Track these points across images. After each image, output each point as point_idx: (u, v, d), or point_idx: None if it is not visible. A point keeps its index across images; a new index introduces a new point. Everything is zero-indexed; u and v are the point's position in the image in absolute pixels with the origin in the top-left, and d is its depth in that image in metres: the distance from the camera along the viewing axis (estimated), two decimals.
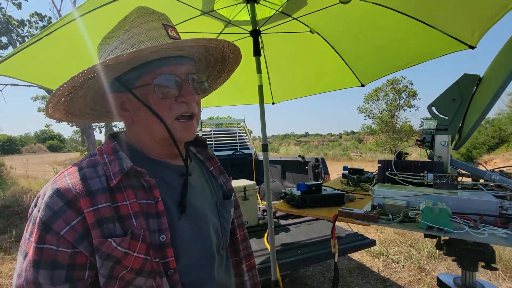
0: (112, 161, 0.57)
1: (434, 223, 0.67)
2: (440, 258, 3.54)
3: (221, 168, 0.81)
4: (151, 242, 0.55)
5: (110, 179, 0.55)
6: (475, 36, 1.36)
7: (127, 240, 0.52)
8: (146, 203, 0.57)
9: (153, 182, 0.58)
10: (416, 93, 23.69)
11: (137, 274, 0.54)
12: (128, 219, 0.54)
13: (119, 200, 0.54)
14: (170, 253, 0.56)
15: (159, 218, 0.57)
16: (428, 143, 1.08)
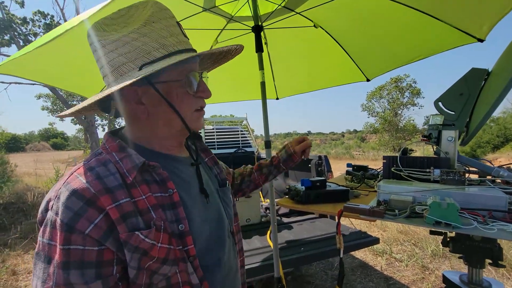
0: (123, 158, 0.58)
1: (442, 219, 0.66)
2: (444, 257, 3.52)
3: (215, 159, 0.85)
4: (172, 232, 0.57)
5: (126, 176, 0.56)
6: (484, 29, 1.33)
7: (153, 232, 0.54)
8: (161, 196, 0.58)
9: (165, 174, 0.60)
10: (419, 92, 23.51)
11: (163, 263, 0.56)
12: (147, 212, 0.55)
13: (135, 195, 0.56)
14: (189, 241, 0.59)
15: (176, 208, 0.59)
16: (435, 139, 1.06)
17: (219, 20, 1.89)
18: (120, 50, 0.57)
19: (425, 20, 1.51)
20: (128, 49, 0.57)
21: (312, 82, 2.57)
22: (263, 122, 1.74)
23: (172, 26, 0.61)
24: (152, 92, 0.59)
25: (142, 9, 0.60)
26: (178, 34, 0.62)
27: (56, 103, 21.01)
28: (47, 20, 13.83)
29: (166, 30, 0.59)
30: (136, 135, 0.65)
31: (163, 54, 0.58)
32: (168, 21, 0.61)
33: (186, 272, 0.59)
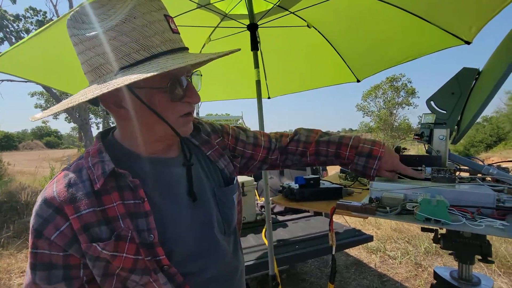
0: (95, 164, 0.56)
1: (432, 215, 0.67)
2: (436, 254, 3.57)
3: (219, 151, 0.78)
4: (141, 241, 0.55)
5: (95, 183, 0.54)
6: (472, 31, 1.35)
7: (111, 244, 0.53)
8: (133, 203, 0.56)
9: (137, 182, 0.57)
10: (414, 91, 23.74)
11: (130, 272, 0.55)
12: (115, 221, 0.54)
13: (106, 203, 0.55)
14: (160, 252, 0.56)
15: (147, 217, 0.56)
16: (427, 137, 1.07)
17: (213, 18, 1.88)
18: (97, 50, 0.52)
19: (414, 22, 1.52)
20: (106, 49, 0.51)
21: (303, 82, 2.58)
22: (258, 121, 1.74)
23: (157, 22, 0.54)
24: (133, 97, 0.55)
25: (127, 2, 0.53)
26: (165, 31, 0.54)
27: (50, 101, 20.74)
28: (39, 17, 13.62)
29: (149, 28, 0.52)
30: (122, 137, 0.64)
31: (145, 56, 0.52)
32: (153, 15, 0.53)
33: (159, 282, 0.57)
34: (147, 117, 0.57)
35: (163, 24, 0.54)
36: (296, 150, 0.91)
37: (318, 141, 0.91)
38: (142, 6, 0.53)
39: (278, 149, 0.91)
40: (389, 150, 0.89)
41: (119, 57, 0.52)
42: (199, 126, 0.77)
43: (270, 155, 0.90)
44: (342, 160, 0.89)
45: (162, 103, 0.56)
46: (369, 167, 0.86)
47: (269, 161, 0.91)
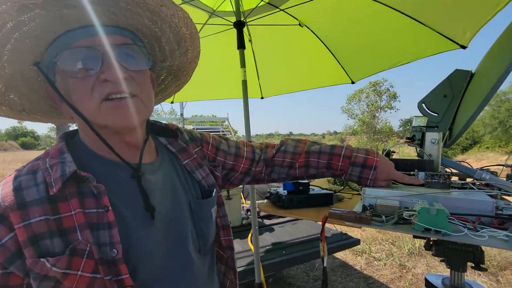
0: (54, 165, 0.49)
1: (432, 225, 0.62)
2: (419, 255, 3.63)
3: (198, 161, 0.70)
4: (101, 257, 0.47)
5: (51, 187, 0.46)
6: (467, 35, 1.35)
7: (64, 259, 0.44)
8: (96, 213, 0.48)
9: (102, 188, 0.49)
10: (396, 95, 24.50)
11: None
12: (72, 232, 0.46)
13: (62, 210, 0.47)
14: (124, 270, 0.48)
15: (110, 229, 0.48)
16: (418, 140, 1.05)
17: (201, 14, 1.80)
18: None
19: (410, 25, 1.51)
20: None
21: (297, 82, 2.54)
22: (245, 122, 1.68)
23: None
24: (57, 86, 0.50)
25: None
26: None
27: None
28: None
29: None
30: (82, 136, 0.56)
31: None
32: None
33: None
34: (67, 108, 0.51)
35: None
36: (283, 161, 0.84)
37: (308, 152, 0.84)
38: None
39: (263, 160, 0.83)
40: (383, 159, 0.84)
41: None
42: (177, 132, 0.71)
43: (253, 167, 0.83)
44: (335, 171, 0.83)
45: (77, 88, 0.49)
46: (364, 177, 0.81)
47: (253, 173, 0.83)
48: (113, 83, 0.49)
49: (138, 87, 0.52)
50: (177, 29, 0.57)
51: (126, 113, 0.50)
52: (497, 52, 0.82)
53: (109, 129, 0.52)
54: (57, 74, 0.50)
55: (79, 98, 0.49)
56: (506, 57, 0.67)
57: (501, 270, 3.11)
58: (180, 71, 0.69)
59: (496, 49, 0.84)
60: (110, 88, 0.48)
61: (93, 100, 0.49)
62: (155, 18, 0.52)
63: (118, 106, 0.49)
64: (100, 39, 0.48)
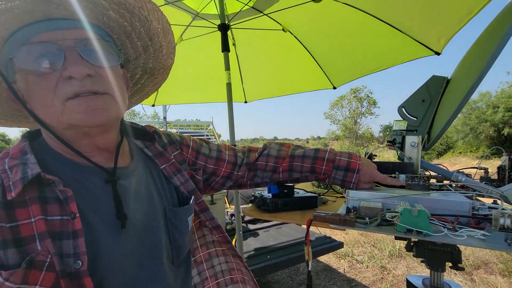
0: (14, 166, 0.44)
1: (413, 226, 0.63)
2: (400, 257, 3.73)
3: (176, 166, 0.67)
4: (63, 269, 0.43)
5: (8, 191, 0.42)
6: (441, 42, 1.42)
7: (20, 273, 0.39)
8: (60, 220, 0.44)
9: (70, 193, 0.45)
10: (375, 102, 25.41)
11: None
12: (30, 242, 0.41)
13: (19, 217, 0.42)
14: (88, 284, 0.44)
15: (76, 239, 0.44)
16: (399, 144, 1.07)
17: (185, 16, 1.78)
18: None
19: (388, 31, 1.57)
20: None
21: (281, 87, 2.57)
22: (229, 126, 1.66)
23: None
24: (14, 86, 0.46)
25: None
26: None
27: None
28: None
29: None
30: (48, 137, 0.52)
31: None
32: None
33: None
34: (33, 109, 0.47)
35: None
36: (266, 166, 0.83)
37: (292, 156, 0.83)
38: None
39: (245, 165, 0.82)
40: (366, 162, 0.85)
41: None
42: (154, 136, 0.67)
43: (235, 171, 0.80)
44: (318, 175, 0.83)
45: (38, 87, 0.44)
46: (347, 181, 0.82)
47: (235, 178, 0.81)
48: (78, 80, 0.44)
49: (108, 83, 0.48)
50: (148, 23, 0.54)
51: (95, 110, 0.46)
52: (470, 60, 0.87)
53: (77, 130, 0.47)
54: (16, 73, 0.46)
55: (40, 98, 0.45)
56: (479, 65, 0.70)
57: (475, 269, 3.26)
58: (156, 69, 0.66)
59: (469, 57, 0.88)
60: (76, 87, 0.44)
61: (57, 98, 0.44)
62: (122, 10, 0.49)
63: (85, 103, 0.45)
64: (62, 34, 0.45)
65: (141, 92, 0.72)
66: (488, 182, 1.03)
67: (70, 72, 0.44)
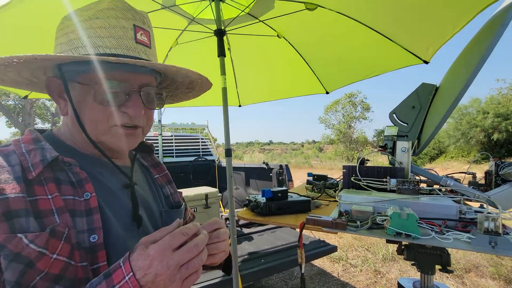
0: (31, 150, 0.49)
1: (402, 229, 0.65)
2: (393, 261, 3.75)
3: (168, 178, 0.75)
4: (77, 243, 0.46)
5: (28, 171, 0.46)
6: (429, 51, 1.47)
7: (44, 237, 0.42)
8: (72, 200, 0.49)
9: (84, 175, 0.51)
10: (369, 107, 25.73)
11: (55, 282, 0.43)
12: (48, 215, 0.45)
13: (37, 193, 0.46)
14: (101, 257, 0.48)
15: (91, 215, 0.49)
16: (390, 149, 1.10)
17: (180, 21, 1.79)
18: (60, 39, 0.55)
19: (379, 40, 1.62)
20: (65, 39, 0.54)
21: (274, 91, 2.60)
22: (224, 130, 1.67)
23: (120, 28, 0.54)
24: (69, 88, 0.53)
25: (101, 3, 0.54)
26: (124, 38, 0.54)
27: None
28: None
29: (107, 30, 0.53)
30: (65, 132, 0.58)
31: (89, 52, 0.52)
32: (119, 21, 0.54)
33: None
34: (81, 115, 0.54)
35: (126, 32, 0.54)
36: None
37: None
38: (112, 10, 0.54)
39: None
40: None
41: (69, 48, 0.53)
42: (152, 148, 0.76)
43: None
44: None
45: (92, 105, 0.53)
46: None
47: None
48: (131, 117, 0.54)
49: (146, 121, 0.59)
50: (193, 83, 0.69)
51: (130, 141, 0.57)
52: (457, 70, 0.90)
53: (106, 146, 0.56)
54: (78, 83, 0.53)
55: (93, 114, 0.53)
56: (465, 74, 0.73)
57: (466, 272, 3.30)
58: (177, 97, 0.79)
59: (456, 67, 0.92)
60: (127, 120, 0.54)
61: (107, 123, 0.53)
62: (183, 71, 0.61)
63: (126, 134, 0.55)
64: (134, 77, 0.54)
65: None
66: (476, 186, 1.06)
67: (130, 112, 0.54)
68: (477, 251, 0.60)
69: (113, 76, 0.52)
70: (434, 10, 1.31)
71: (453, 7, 1.23)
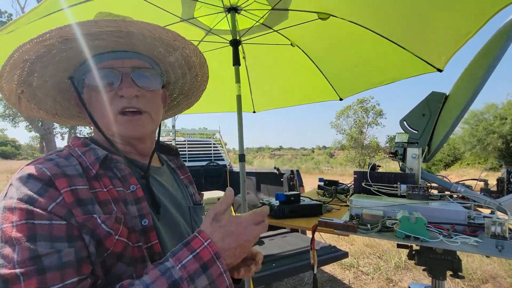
0: (85, 152, 0.57)
1: (411, 232, 0.69)
2: (406, 269, 3.68)
3: (190, 179, 0.82)
4: (132, 227, 0.53)
5: (89, 169, 0.54)
6: (442, 60, 1.49)
7: (112, 219, 0.50)
8: (123, 191, 0.56)
9: (128, 171, 0.58)
10: (381, 112, 25.35)
11: (118, 259, 0.51)
12: (107, 204, 0.52)
13: (95, 186, 0.53)
14: (153, 237, 0.55)
15: (139, 203, 0.56)
16: (401, 155, 1.13)
17: (197, 32, 1.88)
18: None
19: (392, 48, 1.65)
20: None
21: (288, 98, 2.66)
22: (238, 135, 1.73)
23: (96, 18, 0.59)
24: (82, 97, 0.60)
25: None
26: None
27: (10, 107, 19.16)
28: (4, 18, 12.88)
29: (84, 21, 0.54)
30: (96, 137, 0.65)
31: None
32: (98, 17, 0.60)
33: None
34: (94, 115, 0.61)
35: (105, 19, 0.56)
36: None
37: None
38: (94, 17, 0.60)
39: None
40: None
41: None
42: (178, 152, 0.82)
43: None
44: None
45: (98, 101, 0.58)
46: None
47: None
48: (127, 98, 0.58)
49: (149, 104, 0.61)
50: (188, 57, 0.69)
51: (135, 125, 0.60)
52: (466, 79, 0.93)
53: (122, 138, 0.62)
54: (84, 87, 0.61)
55: (99, 109, 0.59)
56: (473, 84, 0.77)
57: (482, 283, 3.20)
58: (190, 91, 0.82)
59: (465, 76, 0.94)
60: (124, 103, 0.58)
61: (111, 112, 0.58)
62: (169, 48, 0.64)
63: (129, 119, 0.59)
64: (121, 62, 0.59)
65: (176, 108, 0.88)
66: (488, 193, 1.07)
67: (122, 92, 0.58)
68: (484, 254, 0.62)
69: (103, 65, 0.58)
70: (445, 18, 1.33)
71: (464, 15, 1.25)
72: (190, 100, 0.86)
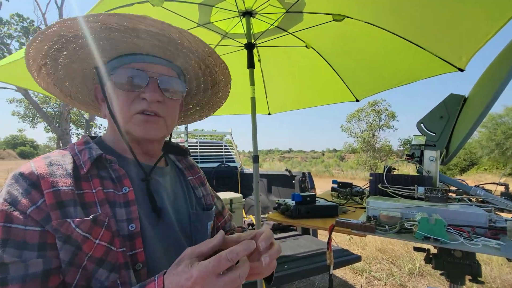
0: (82, 150, 0.58)
1: (430, 234, 0.69)
2: (420, 275, 3.60)
3: (202, 180, 0.78)
4: (117, 230, 0.52)
5: (80, 168, 0.55)
6: (463, 59, 1.47)
7: (87, 223, 0.49)
8: (113, 193, 0.55)
9: (122, 172, 0.58)
10: (394, 115, 24.88)
11: (98, 264, 0.49)
12: (92, 206, 0.52)
13: (85, 187, 0.53)
14: (139, 244, 0.53)
15: (128, 207, 0.55)
16: (417, 158, 1.12)
17: (213, 36, 1.93)
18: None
19: (409, 48, 1.63)
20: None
21: (303, 100, 2.66)
22: (252, 137, 1.75)
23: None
24: (105, 89, 0.61)
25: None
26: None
27: (29, 109, 19.93)
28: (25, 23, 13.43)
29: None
30: (105, 135, 0.67)
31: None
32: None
33: (129, 285, 0.50)
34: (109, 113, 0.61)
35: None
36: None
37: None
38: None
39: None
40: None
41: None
42: (186, 151, 0.80)
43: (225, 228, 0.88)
44: None
45: (120, 98, 0.59)
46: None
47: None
48: (149, 102, 0.59)
49: (167, 111, 0.62)
50: (215, 75, 0.71)
51: (150, 128, 0.60)
52: (486, 79, 0.92)
53: (133, 136, 0.61)
54: (108, 81, 0.61)
55: (119, 105, 0.59)
56: (494, 85, 0.76)
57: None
58: (207, 105, 0.83)
59: (485, 78, 0.93)
60: (145, 106, 0.59)
61: (130, 110, 0.59)
62: (201, 63, 0.66)
63: (146, 121, 0.59)
64: (151, 66, 0.60)
65: (187, 118, 0.88)
66: (508, 197, 1.05)
67: (146, 95, 0.58)
68: (507, 257, 0.62)
69: (134, 65, 0.59)
70: (464, 17, 1.31)
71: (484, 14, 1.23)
72: (204, 113, 0.86)
